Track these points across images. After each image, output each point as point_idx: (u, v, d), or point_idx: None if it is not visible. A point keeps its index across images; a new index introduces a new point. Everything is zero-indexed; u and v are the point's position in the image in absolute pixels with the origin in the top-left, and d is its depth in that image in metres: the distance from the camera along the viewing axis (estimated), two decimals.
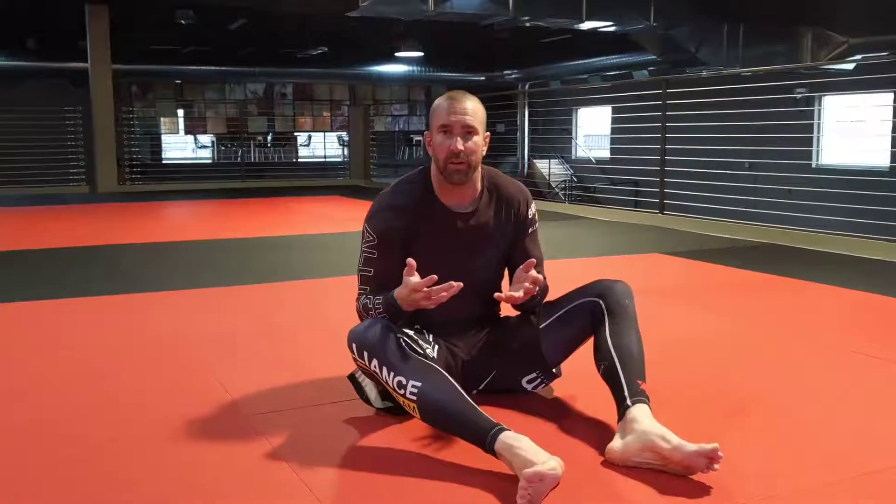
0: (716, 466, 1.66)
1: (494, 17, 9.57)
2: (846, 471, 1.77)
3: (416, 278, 1.91)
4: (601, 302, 2.04)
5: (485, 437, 1.72)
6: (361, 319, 2.08)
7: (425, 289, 1.89)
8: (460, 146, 2.01)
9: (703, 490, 1.65)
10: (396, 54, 15.01)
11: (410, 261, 1.93)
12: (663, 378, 2.36)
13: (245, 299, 3.78)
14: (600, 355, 1.97)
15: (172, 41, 13.76)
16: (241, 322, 3.27)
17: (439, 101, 2.07)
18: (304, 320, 3.32)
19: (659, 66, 12.19)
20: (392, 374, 1.87)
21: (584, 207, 8.37)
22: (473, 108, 2.05)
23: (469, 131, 2.03)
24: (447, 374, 1.87)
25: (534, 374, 2.16)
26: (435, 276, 1.90)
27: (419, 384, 1.82)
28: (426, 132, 2.12)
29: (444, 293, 1.89)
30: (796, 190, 7.83)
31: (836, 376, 2.50)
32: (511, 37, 13.64)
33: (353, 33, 13.17)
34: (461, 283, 1.89)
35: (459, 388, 1.84)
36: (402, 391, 1.85)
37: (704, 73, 8.64)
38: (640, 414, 1.80)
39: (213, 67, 14.92)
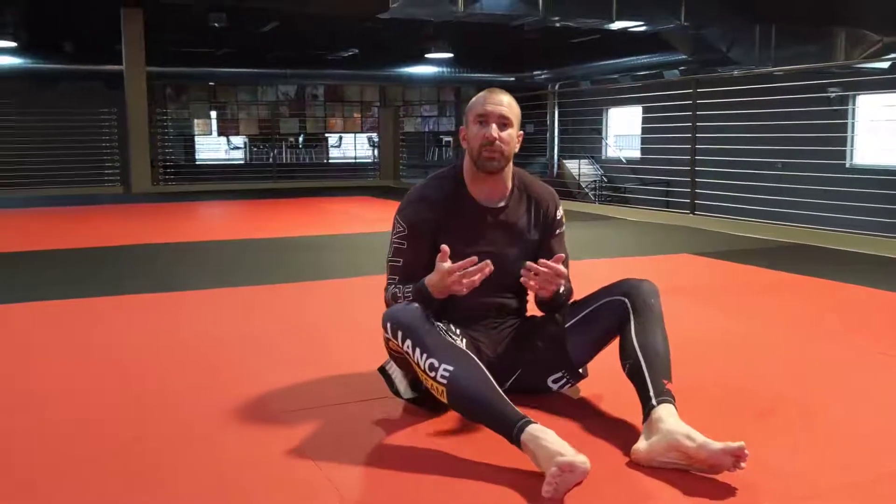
0: (742, 465, 1.65)
1: (524, 17, 9.56)
2: (870, 471, 1.76)
3: (448, 264, 1.95)
4: (627, 301, 2.04)
5: (511, 428, 1.74)
6: (394, 302, 2.11)
7: (458, 273, 1.92)
8: (496, 134, 2.07)
9: (728, 490, 1.65)
10: (426, 55, 15.06)
11: (444, 247, 1.97)
12: (690, 377, 2.36)
13: (274, 298, 3.82)
14: (626, 354, 1.97)
15: (205, 44, 13.93)
16: (270, 321, 3.31)
17: (477, 96, 2.15)
18: (333, 319, 3.36)
19: (690, 65, 12.10)
20: (425, 355, 1.87)
21: (613, 208, 8.34)
22: (509, 103, 2.12)
23: (505, 122, 2.09)
24: (479, 362, 1.89)
25: (559, 374, 2.16)
26: (474, 258, 1.93)
27: (451, 368, 1.83)
28: (461, 127, 2.18)
29: (477, 276, 1.92)
30: (830, 190, 7.74)
31: (863, 378, 2.48)
32: (541, 37, 13.61)
33: (384, 35, 13.23)
34: (492, 266, 1.92)
35: (490, 376, 1.85)
36: (433, 374, 1.85)
37: (735, 73, 8.56)
38: (665, 414, 1.80)
39: (245, 69, 15.07)
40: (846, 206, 6.91)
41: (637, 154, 16.76)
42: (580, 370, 2.19)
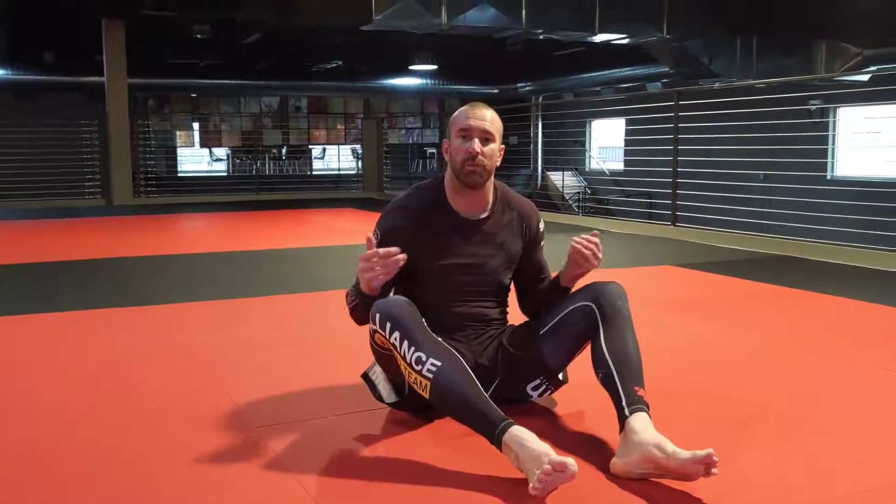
0: (714, 471, 1.64)
1: (507, 30, 9.60)
2: (857, 483, 1.75)
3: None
4: (594, 307, 2.02)
5: (494, 428, 1.75)
6: (350, 311, 2.13)
7: (370, 260, 1.94)
8: (478, 148, 2.08)
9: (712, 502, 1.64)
10: (410, 67, 15.08)
11: (369, 237, 2.04)
12: (673, 388, 2.35)
13: (257, 311, 3.78)
14: (598, 364, 1.96)
15: (188, 55, 13.90)
16: (252, 333, 3.27)
17: (459, 110, 2.17)
18: (314, 331, 3.32)
19: (672, 78, 12.19)
20: (413, 348, 1.87)
21: (596, 220, 8.35)
22: (492, 117, 2.14)
23: (487, 137, 2.10)
24: (464, 361, 1.88)
25: (538, 381, 2.15)
26: (392, 249, 1.94)
27: (439, 363, 1.84)
28: (444, 140, 2.19)
29: (379, 267, 1.94)
30: (811, 202, 7.78)
31: (849, 388, 2.48)
32: (524, 50, 13.67)
33: (368, 47, 13.24)
34: (405, 255, 1.94)
35: (474, 377, 1.85)
36: (419, 367, 1.85)
37: (717, 86, 8.62)
38: (638, 425, 1.79)
39: (228, 81, 15.05)
40: (827, 218, 6.95)
41: (620, 166, 16.83)
42: (559, 376, 2.18)
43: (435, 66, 14.96)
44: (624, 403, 1.86)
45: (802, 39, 10.27)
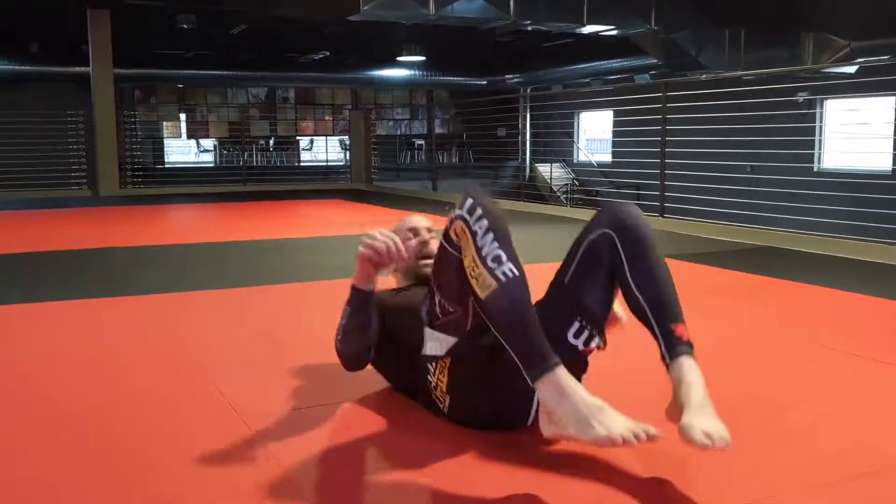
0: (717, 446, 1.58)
1: (495, 21, 9.59)
2: (838, 473, 1.76)
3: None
4: (613, 234, 1.85)
5: (545, 361, 1.64)
6: (341, 338, 2.08)
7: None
8: (427, 235, 2.31)
9: (694, 491, 1.64)
10: (398, 59, 15.05)
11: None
12: (661, 381, 2.35)
13: (247, 302, 3.76)
14: (630, 302, 1.84)
15: (175, 46, 13.81)
16: (241, 324, 3.25)
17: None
18: (302, 323, 3.30)
19: (660, 69, 12.21)
20: (496, 244, 1.71)
21: (584, 211, 8.36)
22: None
23: (429, 230, 2.33)
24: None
25: (577, 324, 1.86)
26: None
27: (517, 273, 1.70)
28: None
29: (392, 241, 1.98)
30: (798, 193, 7.83)
31: (833, 379, 2.48)
32: (513, 41, 13.67)
33: (355, 38, 13.20)
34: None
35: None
36: (493, 265, 1.69)
37: (704, 77, 8.64)
38: (676, 375, 1.73)
39: (215, 72, 14.97)
40: (814, 210, 6.99)
41: (608, 158, 16.86)
42: (600, 318, 1.90)
43: (423, 58, 14.93)
44: (664, 349, 1.77)
45: (790, 32, 10.30)
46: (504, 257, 1.70)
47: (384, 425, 2.04)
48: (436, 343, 1.92)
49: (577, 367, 1.88)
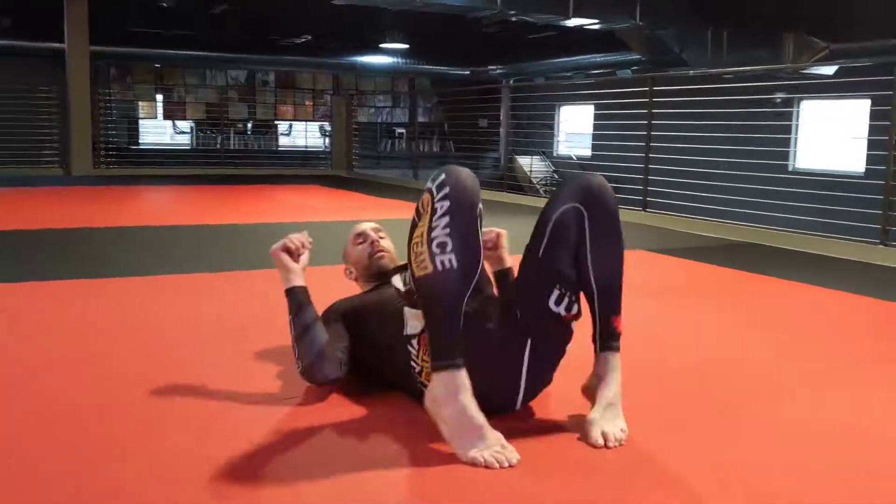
0: (612, 445, 1.77)
1: (482, 10, 9.52)
2: (834, 469, 1.73)
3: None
4: (582, 208, 1.87)
5: (450, 357, 1.73)
6: (298, 353, 2.07)
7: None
8: (374, 235, 2.39)
9: (680, 491, 1.61)
10: (381, 45, 14.92)
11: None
12: (644, 380, 2.32)
13: (223, 286, 3.68)
14: (581, 277, 1.88)
15: (153, 24, 13.59)
16: (218, 309, 3.18)
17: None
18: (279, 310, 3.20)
19: (643, 65, 12.20)
20: (447, 230, 1.71)
21: None
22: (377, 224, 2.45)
23: (379, 232, 2.41)
24: (473, 276, 1.77)
25: (556, 291, 1.86)
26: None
27: (454, 265, 1.71)
28: (344, 269, 2.44)
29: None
30: (773, 192, 7.84)
31: (821, 375, 2.46)
32: (497, 32, 13.60)
33: (339, 22, 13.06)
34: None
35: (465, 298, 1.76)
36: (437, 250, 1.71)
37: (692, 73, 8.63)
38: (599, 369, 1.90)
39: (193, 52, 14.75)
40: (789, 208, 7.01)
41: (588, 152, 16.85)
42: (574, 280, 1.89)
43: (406, 45, 14.82)
44: (597, 336, 1.91)
45: (772, 32, 10.33)
46: (449, 246, 1.71)
47: (364, 413, 1.99)
48: (417, 322, 1.91)
49: (560, 336, 1.92)
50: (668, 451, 1.80)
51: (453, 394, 1.71)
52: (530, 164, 16.72)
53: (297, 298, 2.08)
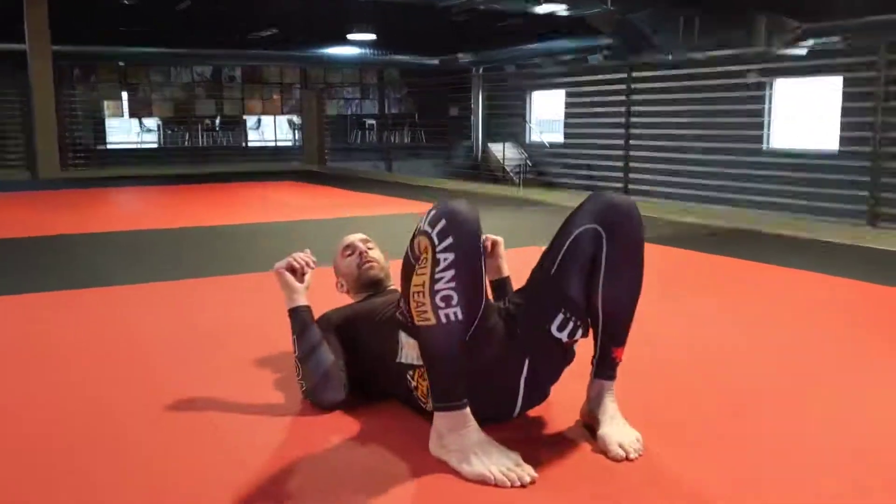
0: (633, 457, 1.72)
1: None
2: (849, 482, 1.69)
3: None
4: (601, 230, 1.77)
5: (455, 400, 1.69)
6: (302, 372, 2.02)
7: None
8: (363, 247, 2.34)
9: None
10: (348, 37, 14.76)
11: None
12: (645, 380, 2.27)
13: (202, 293, 3.58)
14: (590, 301, 1.81)
15: (116, 22, 13.31)
16: (199, 318, 3.07)
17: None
18: (266, 314, 3.09)
19: (614, 51, 12.16)
20: (452, 283, 1.63)
21: (543, 192, 8.29)
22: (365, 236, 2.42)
23: (367, 243, 2.37)
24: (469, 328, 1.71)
25: (561, 316, 1.79)
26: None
27: (460, 317, 1.64)
28: (336, 280, 2.40)
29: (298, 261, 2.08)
30: (747, 172, 7.87)
31: (824, 369, 2.42)
32: (466, 20, 13.49)
33: (305, 15, 12.88)
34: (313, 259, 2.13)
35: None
36: (441, 304, 1.63)
37: (671, 58, 8.61)
38: (593, 393, 1.87)
39: (158, 49, 14.51)
40: (765, 189, 7.04)
41: (560, 138, 16.83)
42: (581, 307, 1.81)
43: (374, 36, 14.67)
44: (597, 362, 1.87)
45: (745, 13, 10.33)
46: (454, 300, 1.65)
47: (361, 424, 1.92)
48: (413, 351, 1.85)
49: (561, 358, 1.87)
50: (681, 459, 1.74)
51: (459, 428, 1.68)
52: (503, 152, 16.66)
53: (302, 318, 2.04)
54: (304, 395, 2.03)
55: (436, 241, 1.64)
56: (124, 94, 16.59)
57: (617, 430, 1.77)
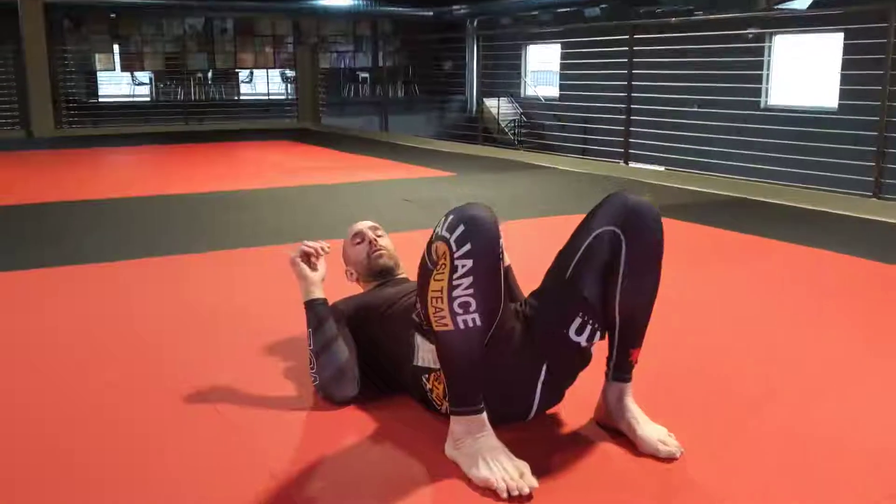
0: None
1: None
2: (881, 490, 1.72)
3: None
4: (620, 234, 1.75)
5: (473, 406, 1.71)
6: (315, 364, 2.04)
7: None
8: (372, 235, 2.34)
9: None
10: None
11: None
12: (659, 373, 2.28)
13: (206, 269, 3.56)
14: (607, 305, 1.80)
15: None
16: (203, 298, 3.04)
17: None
18: (272, 293, 3.09)
19: (610, 3, 12.02)
20: (470, 290, 1.62)
21: (540, 155, 8.25)
22: (374, 222, 2.42)
23: (377, 231, 2.37)
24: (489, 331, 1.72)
25: (579, 320, 1.79)
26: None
27: (479, 323, 1.64)
28: (346, 270, 2.37)
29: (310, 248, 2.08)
30: (744, 130, 7.83)
31: (842, 361, 2.41)
32: None
33: None
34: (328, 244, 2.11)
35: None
36: (459, 310, 1.63)
37: (673, 20, 8.50)
38: (612, 398, 1.87)
39: (149, 1, 14.26)
40: (763, 147, 7.01)
41: (555, 93, 16.69)
42: (599, 311, 1.81)
43: None
44: (613, 365, 1.87)
45: None
46: (473, 306, 1.64)
47: (372, 419, 1.94)
48: (428, 355, 1.86)
49: (578, 361, 1.88)
50: (702, 463, 1.76)
51: (475, 432, 1.70)
52: (498, 107, 16.54)
53: (318, 312, 2.04)
54: (318, 389, 2.05)
55: (454, 248, 1.63)
56: (115, 48, 16.35)
57: (652, 430, 1.80)
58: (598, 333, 1.83)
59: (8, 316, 2.89)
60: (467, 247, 1.62)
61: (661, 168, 6.85)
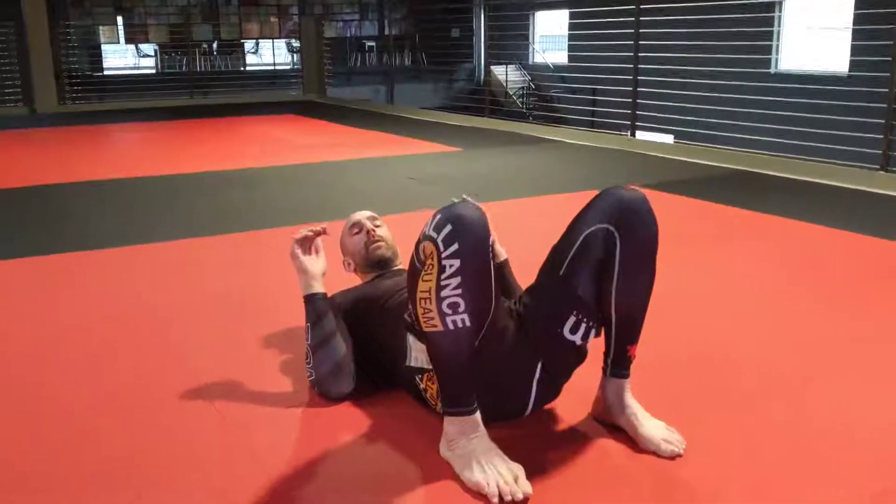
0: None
1: None
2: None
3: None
4: (614, 231, 1.74)
5: (465, 406, 1.69)
6: (313, 365, 2.02)
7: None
8: (370, 225, 2.33)
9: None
10: None
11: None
12: (656, 363, 2.25)
13: (216, 253, 3.52)
14: (602, 302, 1.78)
15: None
16: (212, 284, 3.02)
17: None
18: (283, 278, 3.07)
19: None
20: (459, 290, 1.60)
21: (546, 128, 8.16)
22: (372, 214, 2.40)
23: (374, 220, 2.36)
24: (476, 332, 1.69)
25: (573, 318, 1.78)
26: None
27: (468, 324, 1.62)
28: (343, 260, 2.35)
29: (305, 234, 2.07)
30: (754, 97, 7.70)
31: (849, 350, 2.38)
32: None
33: None
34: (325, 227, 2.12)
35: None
36: (447, 311, 1.60)
37: None
38: (611, 394, 1.85)
39: None
40: (774, 117, 6.90)
41: (564, 59, 16.51)
42: (594, 308, 1.80)
43: None
44: (610, 361, 1.85)
45: None
46: (462, 307, 1.61)
47: (368, 416, 1.93)
48: (421, 355, 1.85)
49: (574, 358, 1.88)
50: (701, 458, 1.74)
51: (469, 433, 1.69)
52: (506, 75, 16.38)
53: (317, 307, 2.02)
54: (313, 384, 2.04)
55: (441, 248, 1.61)
56: (119, 19, 16.24)
57: (653, 427, 1.79)
58: (594, 331, 1.81)
59: (6, 308, 2.87)
60: (455, 247, 1.60)
61: (669, 138, 6.75)
